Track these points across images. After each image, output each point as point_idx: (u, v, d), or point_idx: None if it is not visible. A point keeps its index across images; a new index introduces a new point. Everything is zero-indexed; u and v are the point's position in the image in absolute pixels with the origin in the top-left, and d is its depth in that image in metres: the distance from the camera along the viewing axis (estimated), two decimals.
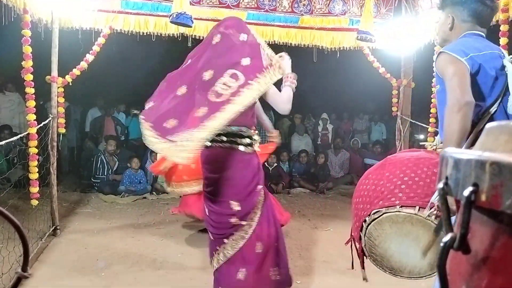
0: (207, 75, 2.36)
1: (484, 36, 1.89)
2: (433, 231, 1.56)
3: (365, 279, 2.24)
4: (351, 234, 2.07)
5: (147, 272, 3.32)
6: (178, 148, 2.11)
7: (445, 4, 1.92)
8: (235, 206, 2.41)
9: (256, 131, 2.66)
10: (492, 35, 3.79)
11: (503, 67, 1.77)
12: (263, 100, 2.56)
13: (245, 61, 2.35)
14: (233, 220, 2.41)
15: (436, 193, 1.57)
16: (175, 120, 2.23)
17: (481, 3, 1.84)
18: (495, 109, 1.74)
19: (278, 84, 2.56)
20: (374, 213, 1.83)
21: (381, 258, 1.91)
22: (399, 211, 1.76)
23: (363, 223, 1.89)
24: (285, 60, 2.51)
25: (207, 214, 2.50)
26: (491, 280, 0.47)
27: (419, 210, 1.73)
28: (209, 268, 3.42)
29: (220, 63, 2.36)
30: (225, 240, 2.44)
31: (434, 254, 1.75)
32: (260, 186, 2.50)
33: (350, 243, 2.15)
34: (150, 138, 2.20)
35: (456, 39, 1.87)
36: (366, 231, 1.87)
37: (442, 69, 1.76)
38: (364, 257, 2.04)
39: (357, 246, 2.02)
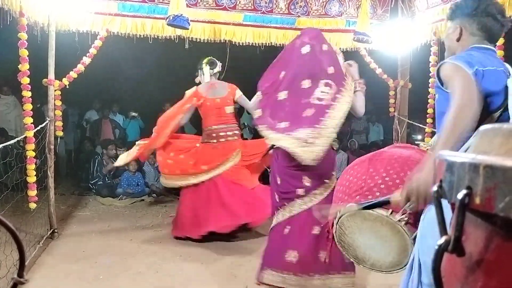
0: (306, 83, 2.70)
1: (494, 51, 1.83)
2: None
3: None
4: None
5: (145, 275, 3.31)
6: (309, 148, 2.48)
7: (455, 15, 1.85)
8: (306, 182, 2.71)
9: None
10: None
11: (505, 87, 1.69)
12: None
13: (330, 70, 2.71)
14: (300, 191, 2.72)
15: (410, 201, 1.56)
16: (286, 122, 2.61)
17: (492, 18, 1.78)
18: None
19: None
20: (349, 206, 1.87)
21: (348, 246, 2.01)
22: (372, 210, 1.79)
23: (338, 212, 1.94)
24: (353, 67, 2.79)
25: (279, 180, 2.79)
26: (486, 282, 0.47)
27: (391, 213, 1.74)
28: (207, 270, 3.43)
29: (314, 72, 2.70)
30: (285, 203, 2.75)
31: (397, 254, 1.83)
32: (333, 172, 2.85)
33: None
34: (272, 135, 2.62)
35: (462, 51, 1.80)
36: (339, 219, 1.94)
37: (448, 78, 1.64)
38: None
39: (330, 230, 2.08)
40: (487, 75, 1.65)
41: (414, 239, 1.72)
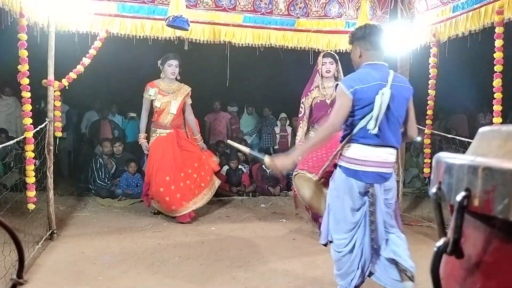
0: None
1: (383, 64, 2.59)
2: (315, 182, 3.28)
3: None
4: None
5: (144, 276, 3.31)
6: None
7: (352, 39, 2.66)
8: None
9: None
10: (488, 37, 3.83)
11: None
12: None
13: None
14: None
15: (325, 166, 2.89)
16: None
17: (375, 35, 2.57)
18: (364, 124, 2.48)
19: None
20: (296, 171, 3.44)
21: (302, 199, 3.48)
22: (304, 174, 3.32)
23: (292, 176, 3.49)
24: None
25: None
26: (484, 284, 0.47)
27: (314, 176, 3.24)
28: (206, 271, 3.43)
29: None
30: None
31: (326, 202, 2.83)
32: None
33: None
34: None
35: (360, 66, 2.62)
36: (294, 180, 3.49)
37: (336, 98, 2.62)
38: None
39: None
40: (364, 90, 2.47)
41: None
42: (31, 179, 3.68)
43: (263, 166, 6.87)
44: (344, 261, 2.63)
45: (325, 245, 2.78)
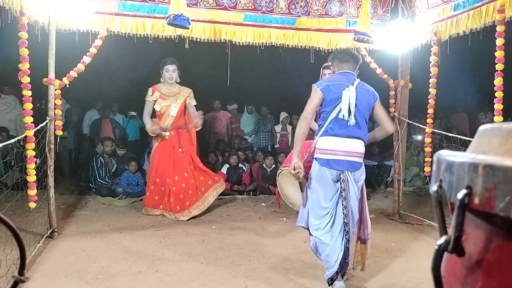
0: None
1: (351, 72, 3.05)
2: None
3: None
4: None
5: (145, 274, 3.31)
6: None
7: (331, 59, 3.18)
8: None
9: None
10: (489, 36, 3.82)
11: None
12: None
13: None
14: None
15: (304, 159, 3.02)
16: None
17: (344, 54, 3.12)
18: (335, 115, 2.91)
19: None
20: (280, 170, 3.44)
21: (285, 197, 3.48)
22: (288, 170, 3.05)
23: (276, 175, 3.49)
24: None
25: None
26: (486, 282, 0.47)
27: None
28: (207, 270, 3.43)
29: None
30: None
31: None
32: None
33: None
34: None
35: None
36: (278, 179, 3.44)
37: (311, 95, 2.99)
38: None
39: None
40: (331, 87, 2.94)
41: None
42: (32, 177, 3.68)
43: (264, 165, 6.88)
44: (323, 246, 2.91)
45: (305, 228, 3.10)
